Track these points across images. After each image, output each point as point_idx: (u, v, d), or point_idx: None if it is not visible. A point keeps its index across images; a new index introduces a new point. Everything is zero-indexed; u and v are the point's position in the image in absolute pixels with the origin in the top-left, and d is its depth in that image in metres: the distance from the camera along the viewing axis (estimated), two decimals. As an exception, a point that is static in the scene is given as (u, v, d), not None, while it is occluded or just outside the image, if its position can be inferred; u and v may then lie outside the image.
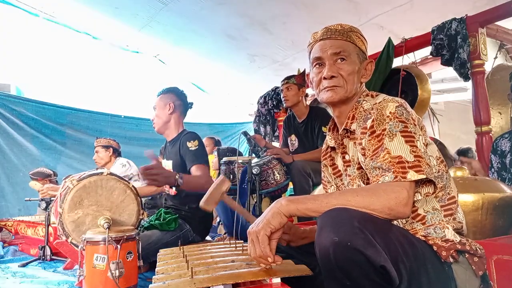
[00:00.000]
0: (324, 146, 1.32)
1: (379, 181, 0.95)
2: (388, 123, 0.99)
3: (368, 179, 1.08)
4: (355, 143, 1.12)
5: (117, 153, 3.88)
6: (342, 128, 1.15)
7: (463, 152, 3.93)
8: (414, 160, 0.94)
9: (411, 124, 1.00)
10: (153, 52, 5.93)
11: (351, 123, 1.12)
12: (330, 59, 1.12)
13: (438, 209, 1.03)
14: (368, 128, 1.03)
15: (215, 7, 4.33)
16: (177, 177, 2.00)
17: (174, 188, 2.31)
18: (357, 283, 0.84)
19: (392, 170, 0.94)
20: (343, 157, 1.20)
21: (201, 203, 1.20)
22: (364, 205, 0.90)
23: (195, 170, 2.19)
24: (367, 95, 1.15)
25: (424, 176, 0.93)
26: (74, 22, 5.40)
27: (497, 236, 1.59)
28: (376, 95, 1.12)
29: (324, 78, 1.12)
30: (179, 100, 2.43)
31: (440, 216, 1.03)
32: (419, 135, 1.01)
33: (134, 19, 4.96)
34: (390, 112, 1.00)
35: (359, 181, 1.13)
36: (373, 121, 1.02)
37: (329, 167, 1.29)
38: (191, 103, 2.52)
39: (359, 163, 1.11)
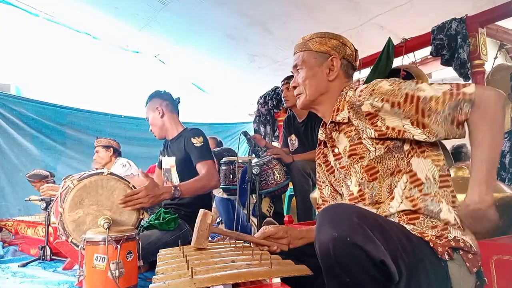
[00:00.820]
0: (318, 144, 1.34)
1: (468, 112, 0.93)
2: (400, 89, 1.00)
3: (365, 163, 1.08)
4: (345, 133, 1.14)
5: (117, 153, 3.88)
6: (329, 121, 1.19)
7: (457, 149, 3.93)
8: (451, 87, 0.95)
9: (410, 80, 1.04)
10: (153, 52, 5.93)
11: (337, 114, 1.16)
12: (295, 72, 1.28)
13: (436, 179, 1.02)
14: (372, 106, 1.03)
15: (215, 7, 4.33)
16: (173, 190, 2.02)
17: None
18: (357, 279, 0.84)
19: (458, 99, 0.93)
20: (333, 151, 1.21)
21: (193, 243, 1.22)
22: (498, 135, 0.93)
23: (200, 167, 2.21)
24: (350, 88, 1.18)
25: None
26: (74, 22, 5.40)
27: (497, 236, 1.59)
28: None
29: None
30: (165, 101, 2.45)
31: (436, 187, 1.02)
32: None
33: (134, 19, 4.96)
34: (390, 85, 1.03)
35: (356, 166, 1.10)
36: (384, 101, 1.01)
37: (323, 164, 1.30)
38: (178, 98, 2.54)
39: (350, 151, 1.11)
